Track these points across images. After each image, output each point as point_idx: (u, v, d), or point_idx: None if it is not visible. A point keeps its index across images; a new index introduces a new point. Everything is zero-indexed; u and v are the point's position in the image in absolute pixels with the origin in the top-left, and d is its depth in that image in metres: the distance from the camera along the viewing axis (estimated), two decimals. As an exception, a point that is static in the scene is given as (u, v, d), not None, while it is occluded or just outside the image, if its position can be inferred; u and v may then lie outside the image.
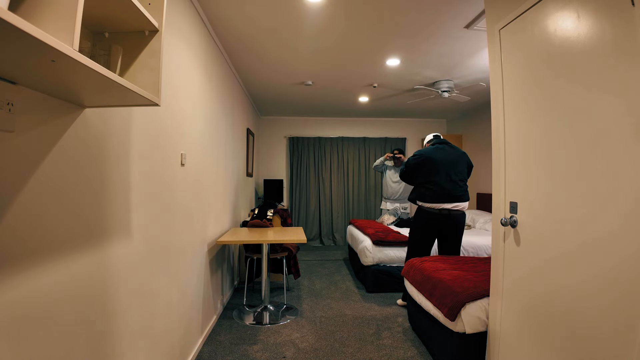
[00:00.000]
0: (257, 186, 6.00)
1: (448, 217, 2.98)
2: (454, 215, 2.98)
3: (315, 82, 4.11)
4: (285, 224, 4.19)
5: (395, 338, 2.55)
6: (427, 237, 3.09)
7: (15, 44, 0.61)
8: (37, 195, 0.92)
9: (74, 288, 1.08)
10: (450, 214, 2.98)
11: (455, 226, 3.01)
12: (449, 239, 3.06)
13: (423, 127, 6.56)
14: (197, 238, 2.39)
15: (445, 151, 3.10)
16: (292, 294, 3.56)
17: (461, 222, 3.03)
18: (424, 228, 3.08)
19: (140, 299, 1.52)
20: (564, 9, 1.33)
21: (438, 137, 3.31)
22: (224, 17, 2.50)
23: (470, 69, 3.59)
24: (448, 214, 2.98)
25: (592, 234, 1.22)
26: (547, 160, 1.44)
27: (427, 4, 2.30)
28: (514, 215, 1.64)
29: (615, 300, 1.12)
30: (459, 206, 2.99)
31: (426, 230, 3.08)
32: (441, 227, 3.02)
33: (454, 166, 3.03)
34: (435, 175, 3.00)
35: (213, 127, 2.81)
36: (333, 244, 6.35)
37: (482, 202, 5.35)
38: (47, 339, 0.95)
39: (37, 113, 0.92)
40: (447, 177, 2.99)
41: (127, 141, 1.40)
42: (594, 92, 1.21)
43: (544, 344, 1.44)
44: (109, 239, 1.27)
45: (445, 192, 2.96)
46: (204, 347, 2.39)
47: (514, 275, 1.65)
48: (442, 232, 3.06)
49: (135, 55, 1.10)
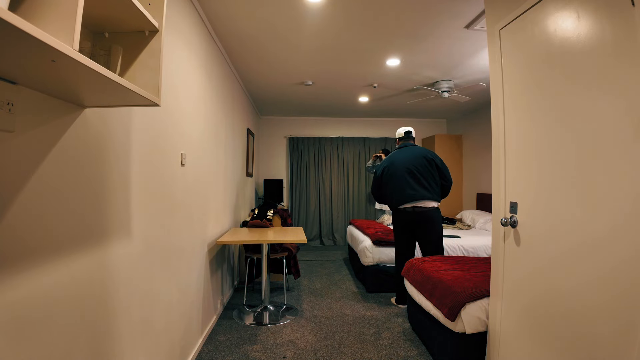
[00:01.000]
0: (257, 186, 6.00)
1: (414, 214, 3.04)
2: (419, 212, 3.03)
3: (315, 82, 4.11)
4: (285, 224, 4.19)
5: (395, 338, 2.55)
6: (402, 237, 3.18)
7: (15, 44, 0.61)
8: (37, 195, 0.92)
9: (74, 288, 1.08)
10: (415, 211, 3.04)
11: (424, 224, 3.04)
12: (423, 237, 3.08)
13: (423, 127, 6.57)
14: (197, 238, 2.39)
15: (408, 152, 3.16)
16: (292, 294, 3.56)
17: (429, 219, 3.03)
18: (397, 230, 3.20)
19: (140, 299, 1.52)
20: (564, 9, 1.33)
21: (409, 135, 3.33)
22: (224, 17, 2.50)
23: (470, 69, 3.59)
24: (412, 211, 3.04)
25: (592, 234, 1.22)
26: (547, 160, 1.44)
27: (427, 4, 2.30)
28: (514, 215, 1.64)
29: (615, 300, 1.12)
30: (425, 204, 3.03)
31: (399, 231, 3.18)
32: (412, 226, 3.09)
33: (414, 166, 3.07)
34: (395, 177, 3.11)
35: (213, 127, 2.81)
36: (333, 244, 6.35)
37: (482, 202, 5.35)
38: (47, 339, 0.95)
39: (37, 113, 0.92)
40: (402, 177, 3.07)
41: (127, 141, 1.40)
42: (594, 92, 1.21)
43: (544, 344, 1.44)
44: (109, 239, 1.27)
45: (404, 193, 3.04)
46: (204, 347, 2.39)
47: (514, 275, 1.65)
48: (415, 232, 3.11)
49: (135, 55, 1.10)
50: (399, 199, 3.07)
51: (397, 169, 3.11)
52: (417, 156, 3.11)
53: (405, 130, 3.34)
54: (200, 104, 2.45)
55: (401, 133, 3.36)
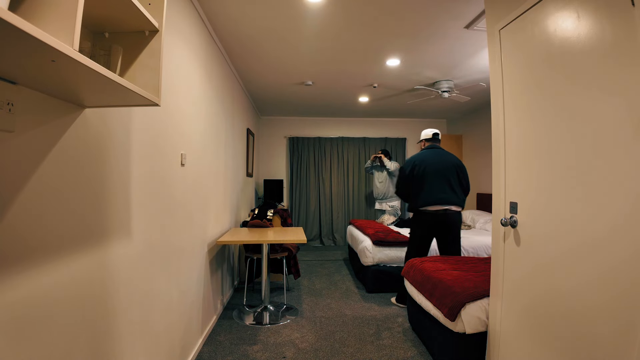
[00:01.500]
0: (257, 186, 6.00)
1: (444, 217, 3.01)
2: (449, 215, 3.01)
3: (315, 82, 4.11)
4: (285, 224, 4.19)
5: (395, 338, 2.55)
6: (423, 237, 3.13)
7: (15, 44, 0.61)
8: (37, 195, 0.92)
9: (74, 288, 1.08)
10: (446, 213, 3.01)
11: (451, 227, 3.04)
12: (447, 239, 3.07)
13: (423, 127, 6.53)
14: (197, 238, 2.39)
15: (438, 155, 3.14)
16: (292, 294, 3.56)
17: (455, 222, 3.05)
18: (418, 230, 3.14)
19: (140, 299, 1.52)
20: (564, 9, 1.33)
21: (436, 137, 3.30)
22: (224, 17, 2.50)
23: (470, 69, 3.59)
24: (444, 213, 3.01)
25: (592, 233, 1.22)
26: (547, 160, 1.44)
27: (427, 4, 2.30)
28: (514, 216, 1.64)
29: (615, 300, 1.12)
30: (453, 208, 3.02)
31: (421, 232, 3.12)
32: (437, 228, 3.05)
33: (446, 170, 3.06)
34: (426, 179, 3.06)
35: (213, 127, 2.81)
36: (333, 244, 6.35)
37: (482, 202, 5.35)
38: (47, 339, 0.95)
39: (37, 113, 0.92)
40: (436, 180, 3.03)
41: (127, 141, 1.40)
42: (594, 92, 1.21)
43: (544, 344, 1.44)
44: (109, 239, 1.27)
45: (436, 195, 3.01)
46: (203, 347, 2.39)
47: (514, 275, 1.65)
48: (439, 233, 3.08)
49: (135, 55, 1.10)
50: (427, 200, 3.03)
51: (429, 170, 3.06)
52: (447, 161, 3.10)
53: (433, 132, 3.30)
54: (201, 104, 2.45)
55: (429, 134, 3.31)
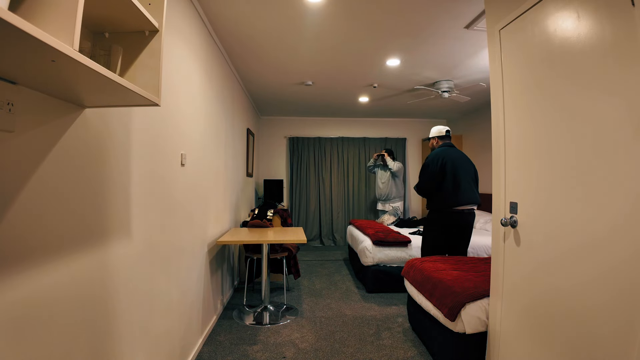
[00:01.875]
0: (257, 186, 6.00)
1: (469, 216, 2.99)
2: (472, 214, 3.00)
3: (315, 82, 4.11)
4: (285, 224, 4.19)
5: (395, 338, 2.55)
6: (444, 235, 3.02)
7: (15, 44, 0.61)
8: (37, 195, 0.92)
9: (74, 288, 1.08)
10: (470, 212, 2.99)
11: (470, 226, 3.03)
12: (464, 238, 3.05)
13: (423, 127, 6.56)
14: (197, 238, 2.39)
15: (458, 153, 3.09)
16: (292, 294, 3.56)
17: (473, 222, 3.05)
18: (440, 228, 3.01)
19: (140, 299, 1.52)
20: (564, 9, 1.33)
21: (449, 135, 3.23)
22: (224, 17, 2.50)
23: (470, 69, 3.59)
24: (469, 212, 2.99)
25: (592, 234, 1.22)
26: (547, 160, 1.44)
27: (428, 4, 2.30)
28: (514, 216, 1.64)
29: (615, 300, 1.12)
30: (474, 207, 3.01)
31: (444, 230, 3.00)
32: (462, 227, 3.01)
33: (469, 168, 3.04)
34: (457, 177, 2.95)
35: (213, 127, 2.81)
36: (333, 244, 6.35)
37: (482, 202, 5.35)
38: (47, 339, 0.95)
39: (37, 113, 0.92)
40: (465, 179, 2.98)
41: (127, 141, 1.40)
42: (594, 92, 1.21)
43: (544, 344, 1.44)
44: (109, 239, 1.27)
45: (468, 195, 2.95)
46: (204, 347, 2.39)
47: (514, 276, 1.65)
48: (460, 232, 3.04)
49: (135, 55, 1.10)
50: (462, 199, 2.92)
51: (459, 169, 2.97)
52: (466, 159, 3.07)
53: (446, 129, 3.21)
54: (201, 104, 2.45)
55: (442, 131, 3.20)
